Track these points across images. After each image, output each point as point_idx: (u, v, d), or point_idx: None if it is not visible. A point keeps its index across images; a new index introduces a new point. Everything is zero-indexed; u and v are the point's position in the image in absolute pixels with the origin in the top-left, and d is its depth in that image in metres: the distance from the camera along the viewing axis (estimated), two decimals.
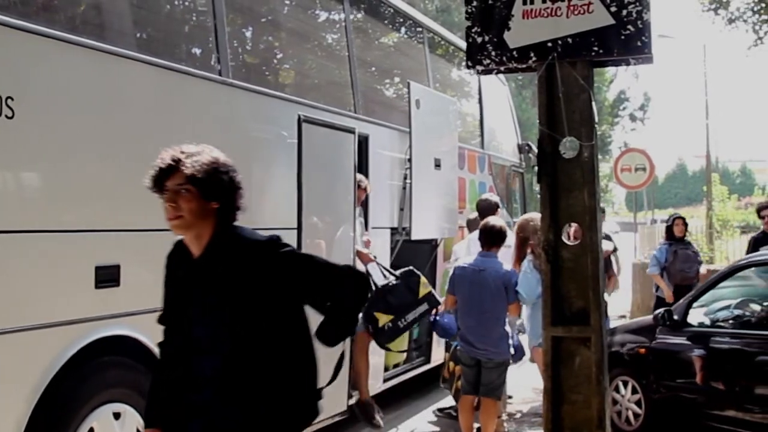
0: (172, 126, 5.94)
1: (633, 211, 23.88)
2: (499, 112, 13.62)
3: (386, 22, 10.53)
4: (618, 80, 51.89)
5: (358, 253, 7.84)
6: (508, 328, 7.77)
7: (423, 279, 8.34)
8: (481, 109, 12.51)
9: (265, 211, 6.93)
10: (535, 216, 7.34)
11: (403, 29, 10.98)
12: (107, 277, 5.29)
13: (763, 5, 18.27)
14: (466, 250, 8.97)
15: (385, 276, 8.24)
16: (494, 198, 9.81)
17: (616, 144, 52.72)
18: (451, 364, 8.55)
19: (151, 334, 5.52)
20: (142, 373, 5.56)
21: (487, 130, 12.56)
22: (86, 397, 5.17)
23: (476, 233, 9.03)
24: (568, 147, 5.01)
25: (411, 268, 8.41)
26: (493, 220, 7.96)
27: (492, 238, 7.68)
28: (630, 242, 21.33)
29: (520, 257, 7.98)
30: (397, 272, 8.28)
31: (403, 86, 9.62)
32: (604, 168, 47.49)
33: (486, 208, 9.37)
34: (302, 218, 6.88)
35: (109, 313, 5.29)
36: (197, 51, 6.93)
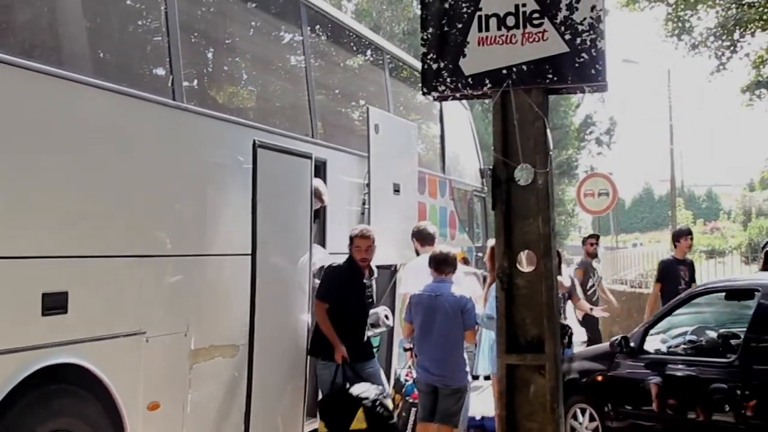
0: (124, 151, 5.90)
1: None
2: (460, 136, 13.64)
3: (345, 46, 10.52)
4: (584, 105, 52.34)
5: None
6: (465, 354, 7.74)
7: (360, 414, 7.25)
8: (443, 134, 12.52)
9: (220, 237, 6.88)
10: None
11: (362, 53, 10.98)
12: (54, 303, 5.19)
13: (725, 32, 18.47)
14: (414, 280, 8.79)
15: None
16: (432, 228, 9.60)
17: (582, 168, 53.05)
18: (398, 396, 8.51)
19: (99, 362, 5.47)
20: (90, 402, 5.50)
21: (449, 154, 12.57)
22: (31, 426, 5.07)
23: (414, 262, 8.96)
24: (523, 174, 5.00)
25: (366, 398, 7.31)
26: (443, 247, 7.98)
27: (444, 265, 7.66)
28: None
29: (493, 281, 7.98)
30: (360, 390, 7.35)
31: (362, 110, 9.59)
32: (570, 192, 47.75)
33: (426, 237, 9.23)
34: (257, 244, 6.83)
35: (56, 341, 5.20)
36: (150, 75, 6.88)
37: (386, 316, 8.10)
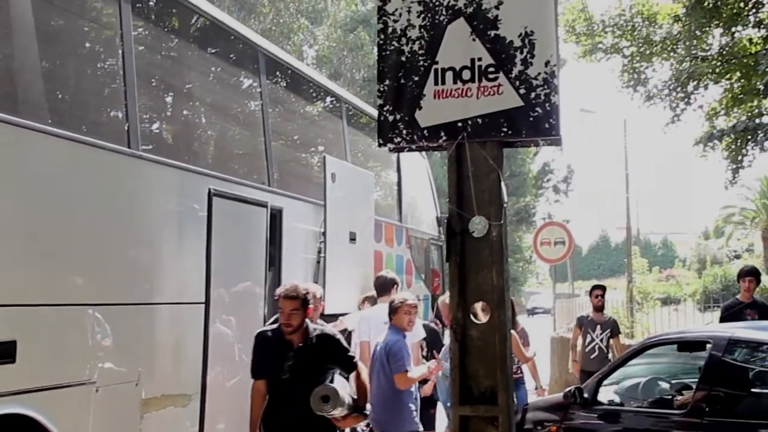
0: (77, 199, 5.85)
1: (553, 283, 24.10)
2: (418, 184, 13.71)
3: (303, 94, 10.57)
4: (542, 153, 52.80)
5: None
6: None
7: None
8: (400, 183, 12.58)
9: (172, 285, 6.83)
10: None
11: (320, 101, 11.03)
12: (2, 352, 5.10)
13: (679, 85, 18.74)
14: (366, 329, 8.63)
15: None
16: (390, 274, 9.53)
17: (540, 215, 53.42)
18: None
19: (47, 412, 5.37)
20: None
21: (406, 202, 12.62)
22: None
23: (368, 311, 8.90)
24: (477, 226, 5.02)
25: None
26: (396, 295, 7.97)
27: (390, 310, 7.65)
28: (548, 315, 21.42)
29: None
30: None
31: (320, 158, 9.63)
32: (528, 239, 48.02)
33: (382, 286, 9.24)
34: (210, 293, 6.79)
35: (2, 391, 5.10)
36: (105, 122, 6.85)
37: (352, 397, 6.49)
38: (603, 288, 12.15)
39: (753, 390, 7.23)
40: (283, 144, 9.78)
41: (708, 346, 7.39)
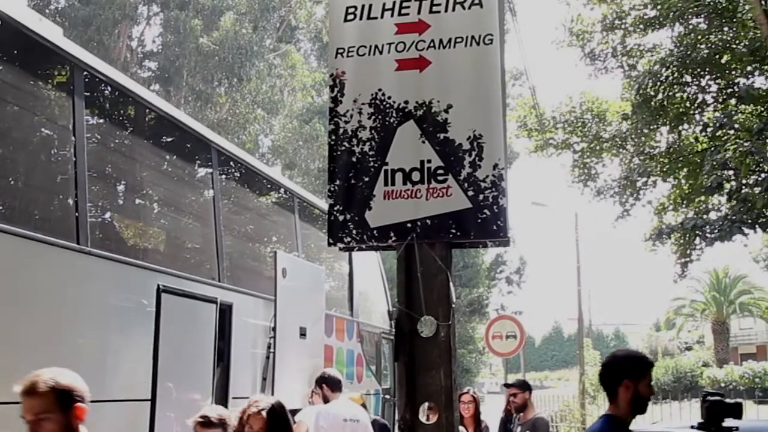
0: (24, 295, 5.78)
1: (505, 374, 24.01)
2: (369, 278, 13.71)
3: (256, 189, 10.60)
4: None
5: None
6: None
7: None
8: (351, 276, 12.58)
9: (118, 382, 6.72)
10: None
11: (272, 196, 11.07)
12: None
13: (629, 183, 19.04)
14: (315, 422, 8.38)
15: None
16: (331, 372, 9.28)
17: (493, 306, 53.38)
18: None
19: None
20: None
21: (357, 296, 12.60)
22: None
23: (328, 406, 8.68)
24: (426, 326, 5.03)
25: None
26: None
27: None
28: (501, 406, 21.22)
29: None
30: None
31: (271, 252, 9.61)
32: (481, 330, 47.98)
33: (336, 383, 8.97)
34: (157, 390, 6.70)
35: None
36: (54, 218, 6.81)
37: None
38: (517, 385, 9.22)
39: None
40: (234, 238, 9.78)
41: None
